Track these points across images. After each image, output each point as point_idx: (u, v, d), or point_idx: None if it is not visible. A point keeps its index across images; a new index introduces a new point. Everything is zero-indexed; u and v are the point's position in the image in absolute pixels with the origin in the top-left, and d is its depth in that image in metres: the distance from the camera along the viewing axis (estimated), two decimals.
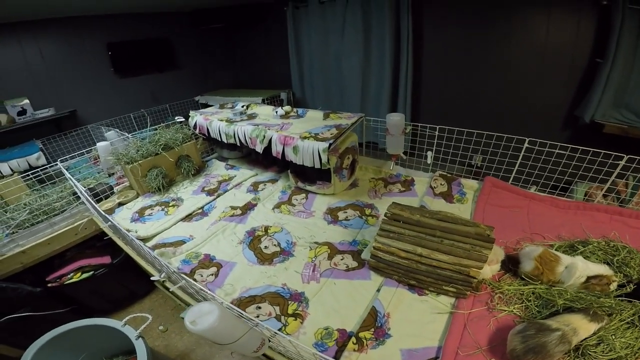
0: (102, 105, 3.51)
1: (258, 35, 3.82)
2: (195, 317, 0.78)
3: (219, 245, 1.61)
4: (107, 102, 3.54)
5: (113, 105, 3.54)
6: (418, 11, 2.87)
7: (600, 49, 2.45)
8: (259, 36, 3.81)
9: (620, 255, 1.42)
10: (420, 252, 1.22)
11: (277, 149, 1.83)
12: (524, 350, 1.02)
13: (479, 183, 1.95)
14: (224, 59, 4.23)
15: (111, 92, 3.56)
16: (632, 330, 1.12)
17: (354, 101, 3.28)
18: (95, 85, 3.45)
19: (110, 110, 3.48)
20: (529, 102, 2.84)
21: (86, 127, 3.38)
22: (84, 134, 3.37)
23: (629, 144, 2.25)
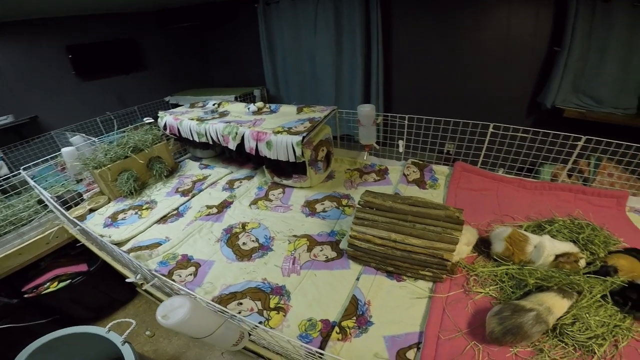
0: (65, 110, 3.35)
1: (229, 33, 3.77)
2: (167, 311, 0.78)
3: (196, 245, 1.60)
4: (70, 107, 3.38)
5: (77, 109, 3.40)
6: (386, 5, 2.92)
7: (557, 37, 2.58)
8: (231, 34, 3.76)
9: (584, 233, 1.47)
10: (394, 237, 1.25)
11: (250, 145, 1.82)
12: (502, 332, 1.03)
13: (450, 168, 2.02)
14: (194, 58, 4.14)
15: (74, 96, 3.41)
16: (604, 308, 1.15)
17: (329, 95, 3.31)
18: (56, 90, 3.29)
19: (74, 115, 3.33)
20: (495, 90, 2.96)
21: (49, 134, 3.22)
22: (48, 140, 3.22)
23: (588, 127, 2.38)
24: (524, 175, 1.96)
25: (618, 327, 1.10)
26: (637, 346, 1.06)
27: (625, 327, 1.10)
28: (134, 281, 1.26)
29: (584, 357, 1.03)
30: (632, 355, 1.03)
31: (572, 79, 2.60)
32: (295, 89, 3.50)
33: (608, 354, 1.03)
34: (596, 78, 2.57)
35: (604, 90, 2.58)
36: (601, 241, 1.45)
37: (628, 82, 2.54)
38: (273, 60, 3.46)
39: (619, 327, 1.10)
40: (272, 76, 3.50)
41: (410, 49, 3.07)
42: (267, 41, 3.34)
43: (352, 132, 2.38)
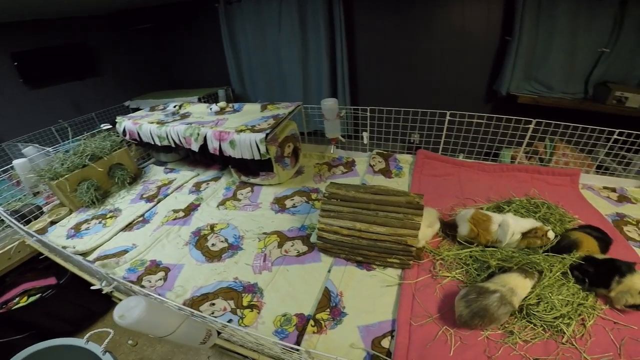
0: (15, 121, 3.14)
1: (190, 33, 3.67)
2: (123, 311, 0.78)
3: (165, 250, 1.57)
4: (21, 117, 3.17)
5: (29, 119, 3.19)
6: (349, 0, 2.95)
7: (508, 27, 2.70)
8: (191, 34, 3.66)
9: (541, 212, 1.54)
10: (359, 227, 1.28)
11: (213, 146, 1.79)
12: (469, 315, 1.05)
13: (413, 157, 2.08)
14: (154, 60, 4.00)
15: (24, 105, 3.20)
16: (567, 287, 1.18)
17: (296, 91, 3.31)
18: (2, 100, 3.08)
19: (26, 125, 3.13)
20: (455, 80, 3.05)
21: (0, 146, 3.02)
22: None
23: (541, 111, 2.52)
24: (485, 159, 2.05)
25: (582, 305, 1.13)
26: (604, 324, 1.10)
27: (589, 306, 1.14)
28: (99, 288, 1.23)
29: (554, 337, 1.06)
30: (600, 334, 1.07)
31: (523, 67, 2.73)
32: (261, 87, 3.47)
33: (577, 333, 1.06)
34: (545, 65, 2.72)
35: (553, 77, 2.73)
36: (557, 219, 1.52)
37: (574, 69, 2.71)
38: (237, 59, 3.41)
39: (583, 306, 1.13)
40: (237, 75, 3.45)
41: (373, 42, 3.11)
42: (230, 40, 3.29)
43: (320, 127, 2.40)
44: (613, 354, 1.01)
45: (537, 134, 1.89)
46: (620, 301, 1.13)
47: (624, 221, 1.67)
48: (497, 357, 1.01)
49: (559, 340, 1.05)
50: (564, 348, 1.03)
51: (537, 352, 1.02)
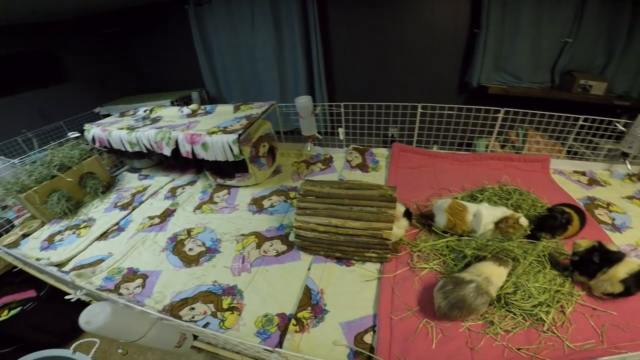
0: None
1: (160, 36, 3.58)
2: (89, 317, 0.79)
3: (141, 257, 1.55)
4: None
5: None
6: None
7: (476, 20, 2.75)
8: (162, 37, 3.58)
9: (513, 198, 1.57)
10: (335, 223, 1.27)
11: (186, 149, 1.75)
12: (448, 306, 1.04)
13: (389, 150, 2.10)
14: (124, 64, 3.88)
15: None
16: (543, 274, 1.19)
17: (273, 91, 3.29)
18: None
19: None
20: (427, 73, 3.10)
21: None
22: None
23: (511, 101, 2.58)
24: (459, 149, 2.09)
25: (559, 292, 1.14)
26: (583, 311, 1.11)
27: (567, 292, 1.15)
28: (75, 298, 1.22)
29: (535, 326, 1.06)
30: (580, 321, 1.08)
31: (492, 58, 2.80)
32: (237, 88, 3.42)
33: (557, 321, 1.07)
34: (513, 56, 2.80)
35: (521, 67, 2.82)
36: (529, 205, 1.54)
37: (540, 59, 2.80)
38: (210, 61, 3.35)
39: (560, 293, 1.13)
40: (210, 77, 3.40)
41: (348, 38, 3.12)
42: (201, 42, 3.23)
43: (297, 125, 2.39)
44: (595, 341, 1.02)
45: (507, 122, 1.94)
46: (599, 289, 1.14)
47: (595, 204, 1.73)
48: (479, 349, 1.01)
49: (540, 329, 1.05)
50: (545, 337, 1.03)
51: (519, 342, 1.02)
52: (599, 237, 1.43)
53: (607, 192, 1.88)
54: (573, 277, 1.20)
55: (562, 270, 1.23)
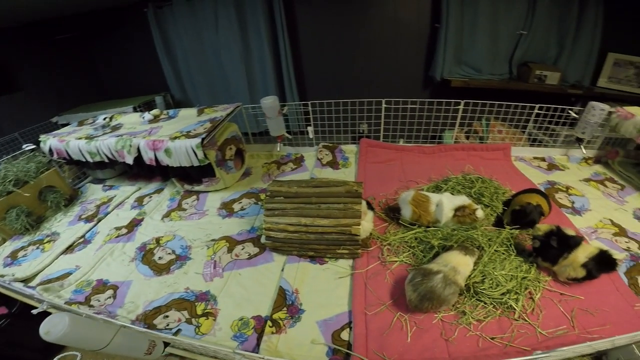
0: None
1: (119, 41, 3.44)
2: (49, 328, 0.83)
3: (110, 268, 1.51)
4: None
5: None
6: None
7: (437, 15, 2.82)
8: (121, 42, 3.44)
9: (475, 187, 1.60)
10: (304, 222, 1.27)
11: (148, 156, 1.70)
12: (418, 298, 1.04)
13: (357, 146, 2.12)
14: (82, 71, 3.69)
15: None
16: (509, 261, 1.21)
17: (241, 92, 3.24)
18: None
19: None
20: (394, 69, 3.15)
21: None
22: None
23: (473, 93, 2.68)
24: (429, 142, 2.14)
25: (526, 279, 1.16)
26: (551, 296, 1.15)
27: (533, 278, 1.17)
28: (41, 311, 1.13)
29: (506, 314, 1.08)
30: (549, 307, 1.11)
31: (453, 52, 2.89)
32: (204, 91, 3.35)
33: (527, 308, 1.10)
34: (472, 49, 2.90)
35: (480, 60, 2.92)
36: (491, 192, 1.59)
37: (498, 51, 2.91)
38: (174, 64, 3.26)
39: (527, 279, 1.16)
40: (175, 80, 3.30)
41: (316, 36, 3.12)
42: (163, 45, 3.13)
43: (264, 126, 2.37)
44: (567, 326, 1.04)
45: (468, 114, 2.01)
46: (563, 274, 1.17)
47: (555, 188, 1.82)
48: (454, 339, 1.02)
49: (511, 317, 1.07)
50: (517, 324, 1.05)
51: (493, 331, 1.04)
52: (561, 221, 1.51)
53: (566, 176, 1.98)
54: (538, 263, 1.23)
55: (527, 256, 1.26)
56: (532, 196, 1.47)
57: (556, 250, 1.17)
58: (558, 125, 2.16)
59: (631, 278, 1.24)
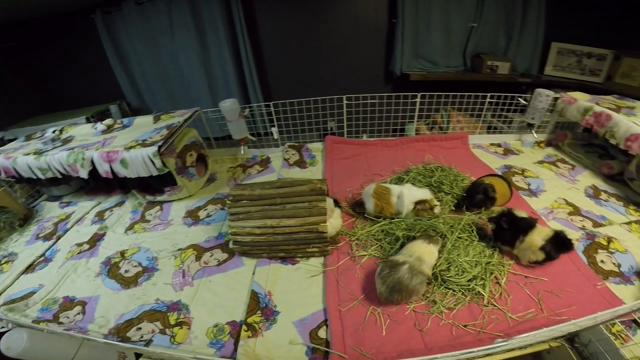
0: None
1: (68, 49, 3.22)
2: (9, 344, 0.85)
3: (75, 285, 1.45)
4: None
5: None
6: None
7: (393, 10, 2.88)
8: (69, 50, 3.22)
9: (435, 176, 1.66)
10: (270, 224, 1.26)
11: (104, 169, 1.62)
12: (387, 291, 1.05)
13: (323, 144, 2.13)
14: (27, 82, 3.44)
15: None
16: (473, 246, 1.24)
17: (203, 97, 3.15)
18: None
19: None
20: (356, 65, 3.19)
21: None
22: None
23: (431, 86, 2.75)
24: (392, 136, 2.18)
25: (490, 263, 1.19)
26: (517, 280, 1.19)
27: (497, 262, 1.21)
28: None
29: (475, 301, 1.11)
30: (516, 290, 1.15)
31: (410, 46, 2.97)
32: (162, 97, 3.22)
33: (495, 293, 1.13)
34: (428, 43, 3.00)
35: (436, 53, 3.02)
36: (450, 180, 1.65)
37: (452, 44, 3.03)
38: (128, 70, 3.11)
39: (491, 264, 1.19)
40: (130, 88, 3.15)
41: (277, 36, 3.09)
42: (114, 52, 2.98)
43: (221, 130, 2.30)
44: (535, 309, 1.08)
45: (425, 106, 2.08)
46: (524, 258, 1.23)
47: (512, 172, 1.93)
48: (428, 329, 1.04)
49: (481, 303, 1.10)
50: (487, 310, 1.08)
51: (464, 318, 1.07)
52: (519, 204, 1.59)
53: (521, 160, 2.10)
54: (500, 247, 1.28)
55: (489, 241, 1.30)
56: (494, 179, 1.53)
57: (509, 232, 1.23)
58: (511, 112, 2.28)
59: (590, 257, 1.32)
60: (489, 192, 1.43)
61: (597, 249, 1.35)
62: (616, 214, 1.59)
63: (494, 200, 1.45)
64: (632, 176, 1.75)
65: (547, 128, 2.32)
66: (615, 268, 1.27)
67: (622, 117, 1.75)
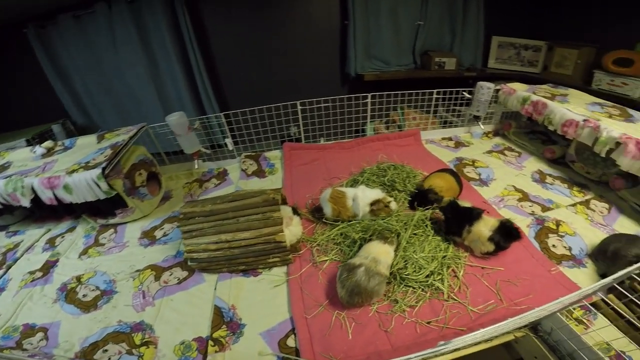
0: None
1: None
2: None
3: (33, 312, 1.38)
4: None
5: None
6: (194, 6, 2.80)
7: (345, 12, 2.92)
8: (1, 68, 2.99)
9: (388, 175, 1.69)
10: (225, 238, 1.25)
11: (47, 196, 1.52)
12: (348, 294, 1.06)
13: (281, 151, 2.13)
14: None
15: None
16: (428, 242, 1.26)
17: (155, 110, 3.02)
18: None
19: None
20: (312, 69, 3.21)
21: None
22: None
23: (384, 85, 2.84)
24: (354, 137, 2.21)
25: (446, 257, 1.21)
26: (474, 272, 1.21)
27: (452, 256, 1.23)
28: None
29: (435, 296, 1.13)
30: (474, 283, 1.17)
31: (363, 47, 3.04)
32: (111, 113, 3.06)
33: (454, 287, 1.15)
34: (379, 43, 3.08)
35: (387, 53, 3.11)
36: (403, 178, 1.69)
37: (402, 43, 3.13)
38: (70, 87, 2.91)
39: (447, 258, 1.21)
40: (74, 105, 2.95)
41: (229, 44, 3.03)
42: (53, 68, 2.78)
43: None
44: (494, 301, 1.11)
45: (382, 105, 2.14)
46: (477, 250, 1.26)
47: (463, 164, 2.01)
48: (393, 329, 1.05)
49: (441, 298, 1.13)
50: (449, 304, 1.11)
51: (427, 315, 1.09)
52: (471, 195, 1.67)
53: (471, 151, 2.21)
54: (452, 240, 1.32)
55: (444, 234, 1.34)
56: (441, 175, 1.59)
57: (454, 221, 1.28)
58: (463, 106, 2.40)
59: (542, 242, 1.38)
60: (430, 196, 1.49)
61: (547, 234, 1.41)
62: (562, 196, 1.70)
63: (440, 201, 1.50)
64: (573, 159, 1.90)
65: (493, 119, 2.46)
66: (567, 252, 1.33)
67: (556, 104, 1.89)
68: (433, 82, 2.65)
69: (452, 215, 1.29)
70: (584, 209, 1.58)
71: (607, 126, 1.57)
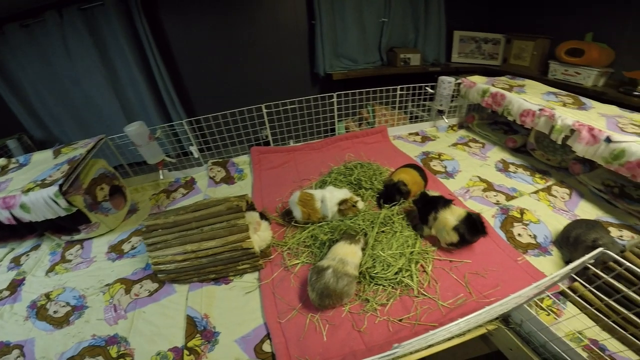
0: None
1: None
2: None
3: (6, 330, 1.35)
4: None
5: None
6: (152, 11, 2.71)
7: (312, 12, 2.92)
8: None
9: (354, 174, 1.69)
10: (190, 248, 1.24)
11: (4, 216, 1.45)
12: (318, 297, 1.06)
13: (249, 156, 2.11)
14: None
15: None
16: (396, 238, 1.26)
17: (118, 120, 2.90)
18: None
19: None
20: (282, 71, 3.19)
21: None
22: None
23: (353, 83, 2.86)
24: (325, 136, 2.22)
25: (414, 253, 1.22)
26: (442, 266, 1.23)
27: (420, 251, 1.24)
28: None
29: (406, 293, 1.14)
30: (443, 277, 1.18)
31: (331, 46, 3.05)
32: (71, 125, 2.92)
33: (424, 282, 1.16)
34: (346, 42, 3.10)
35: (354, 51, 3.14)
36: (369, 175, 1.70)
37: (368, 41, 3.17)
38: (23, 99, 2.76)
39: (415, 253, 1.22)
40: (30, 118, 2.79)
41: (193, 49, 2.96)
42: (2, 80, 2.59)
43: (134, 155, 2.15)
44: (464, 294, 1.12)
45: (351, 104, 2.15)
46: (442, 240, 1.28)
47: (430, 157, 2.06)
48: (366, 329, 1.07)
49: (411, 294, 1.14)
50: (419, 301, 1.12)
51: (398, 312, 1.10)
52: (436, 187, 1.71)
53: (437, 145, 2.26)
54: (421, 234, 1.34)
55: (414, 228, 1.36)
56: (406, 170, 1.62)
57: (423, 210, 1.31)
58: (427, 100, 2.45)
59: (507, 232, 1.41)
60: (401, 189, 1.51)
61: (512, 223, 1.45)
62: (525, 184, 1.77)
63: (408, 194, 1.53)
64: (533, 147, 1.98)
65: (459, 112, 2.53)
66: (532, 240, 1.36)
67: (514, 95, 1.97)
68: (400, 78, 2.71)
69: (422, 204, 1.32)
70: (546, 195, 1.65)
71: (561, 114, 1.64)
